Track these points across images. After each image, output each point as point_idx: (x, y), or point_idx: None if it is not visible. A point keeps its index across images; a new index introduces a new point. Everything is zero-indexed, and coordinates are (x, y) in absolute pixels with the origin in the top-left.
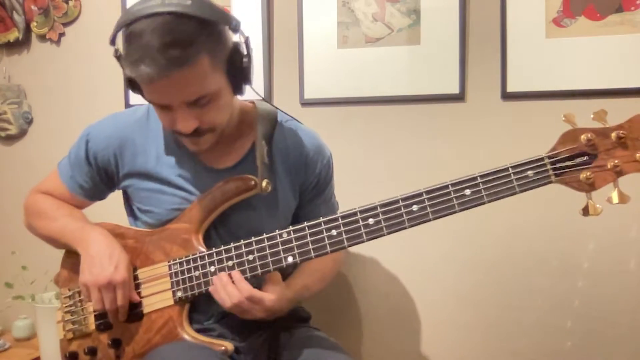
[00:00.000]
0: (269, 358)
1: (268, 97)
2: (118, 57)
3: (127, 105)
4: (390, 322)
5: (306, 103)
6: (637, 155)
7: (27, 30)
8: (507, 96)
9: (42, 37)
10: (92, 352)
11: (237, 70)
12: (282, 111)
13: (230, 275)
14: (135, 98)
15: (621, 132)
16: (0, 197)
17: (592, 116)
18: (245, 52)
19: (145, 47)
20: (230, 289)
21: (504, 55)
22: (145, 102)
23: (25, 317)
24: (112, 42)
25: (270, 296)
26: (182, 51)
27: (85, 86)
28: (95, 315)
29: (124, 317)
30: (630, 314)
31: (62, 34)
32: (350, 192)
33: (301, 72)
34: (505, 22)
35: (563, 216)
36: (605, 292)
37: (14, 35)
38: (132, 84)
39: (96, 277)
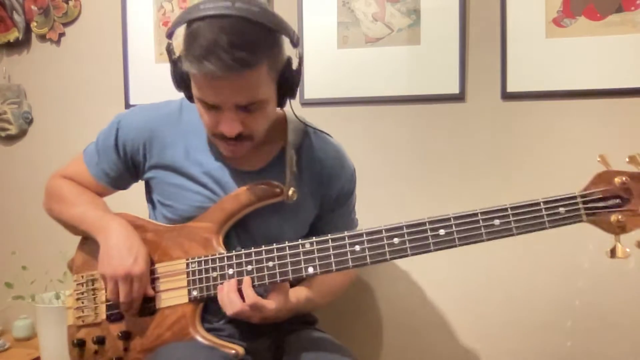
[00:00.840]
0: (274, 359)
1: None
2: (170, 50)
3: (127, 105)
4: (389, 322)
5: (306, 103)
6: None
7: (27, 30)
8: (507, 96)
9: (42, 37)
10: (101, 341)
11: (286, 84)
12: (309, 123)
13: (239, 281)
14: (135, 97)
15: None
16: (0, 197)
17: (627, 160)
18: (297, 68)
19: (212, 44)
20: (233, 297)
21: (504, 55)
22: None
23: (25, 317)
24: (170, 35)
25: (272, 305)
26: (248, 54)
27: (85, 86)
28: (107, 305)
29: (137, 310)
30: (630, 314)
31: (62, 34)
32: None
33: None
34: (505, 22)
35: None
36: (605, 292)
37: (14, 35)
38: (179, 80)
39: (115, 268)
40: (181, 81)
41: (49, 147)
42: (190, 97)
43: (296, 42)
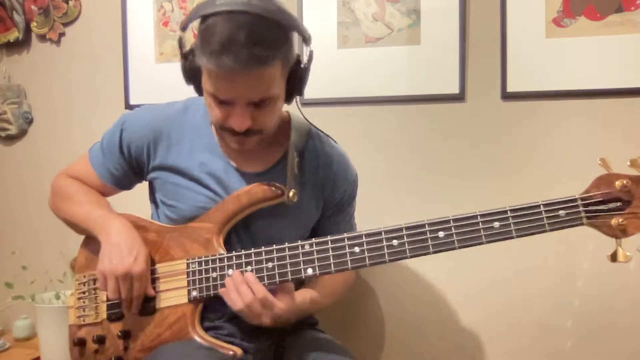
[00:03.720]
0: (275, 359)
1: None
2: (181, 43)
3: (127, 105)
4: (389, 322)
5: (306, 103)
6: None
7: (27, 30)
8: (507, 96)
9: (42, 37)
10: (101, 340)
11: (295, 81)
12: (314, 125)
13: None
14: (135, 97)
15: None
16: (0, 197)
17: (628, 163)
18: (307, 66)
19: (230, 40)
20: (243, 289)
21: (504, 55)
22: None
23: (25, 317)
24: (184, 28)
25: (281, 305)
26: (265, 51)
27: (85, 86)
28: (107, 305)
29: (137, 309)
30: (630, 314)
31: (62, 34)
32: None
33: None
34: (505, 22)
35: None
36: (605, 292)
37: (14, 35)
38: (189, 74)
39: (115, 266)
40: (191, 75)
41: (49, 147)
42: (199, 92)
43: (308, 40)
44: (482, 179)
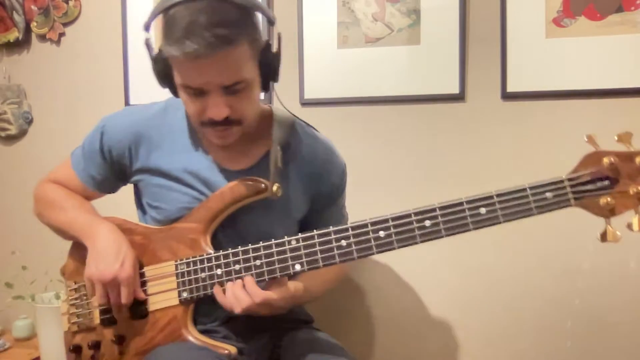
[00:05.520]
0: (271, 359)
1: (268, 97)
2: (149, 45)
3: (127, 105)
4: (386, 321)
5: (306, 103)
6: None
7: (27, 30)
8: (507, 96)
9: (42, 37)
10: (96, 346)
11: (268, 65)
12: (298, 118)
13: (242, 280)
14: (135, 98)
15: None
16: (0, 197)
17: (615, 138)
18: (276, 49)
19: (191, 25)
20: (240, 294)
21: (504, 55)
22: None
23: (25, 317)
24: (147, 28)
25: (276, 296)
26: (228, 31)
27: (85, 86)
28: (100, 310)
29: (126, 314)
30: (630, 314)
31: (62, 34)
32: (350, 193)
33: (301, 72)
34: (505, 22)
35: (563, 216)
36: (605, 292)
37: (14, 35)
38: (161, 73)
39: (102, 272)
40: (164, 75)
41: (49, 147)
42: (175, 92)
43: (273, 20)
44: (482, 179)
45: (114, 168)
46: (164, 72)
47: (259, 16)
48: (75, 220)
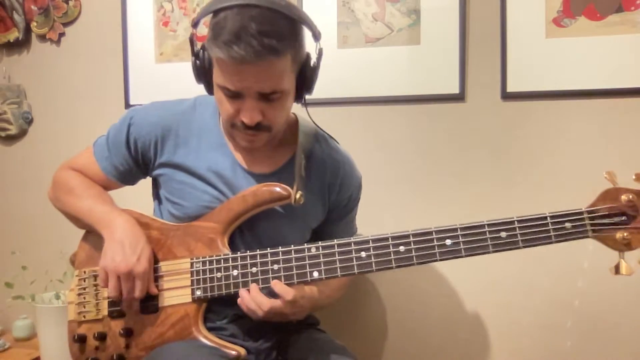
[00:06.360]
0: (277, 359)
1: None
2: (192, 40)
3: (127, 105)
4: (391, 323)
5: (306, 103)
6: None
7: (27, 30)
8: (507, 96)
9: (42, 37)
10: (102, 337)
11: (305, 78)
12: (321, 128)
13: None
14: (135, 97)
15: None
16: (0, 196)
17: (633, 177)
18: (316, 64)
19: (241, 31)
20: (260, 299)
21: (504, 55)
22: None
23: (25, 317)
24: (196, 25)
25: (298, 293)
26: (276, 42)
27: (85, 86)
28: (109, 302)
29: (137, 307)
30: (630, 314)
31: (62, 34)
32: None
33: None
34: (505, 22)
35: None
36: (605, 292)
37: (14, 35)
38: (200, 70)
39: (117, 264)
40: (203, 72)
41: (49, 147)
42: (210, 90)
43: (318, 36)
44: (482, 179)
45: (137, 160)
46: (203, 69)
47: (304, 30)
48: (93, 209)
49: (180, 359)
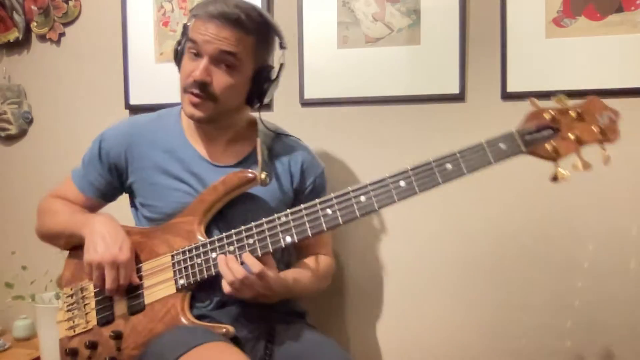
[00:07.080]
0: (265, 348)
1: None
2: (185, 28)
3: (127, 105)
4: (388, 322)
5: (306, 103)
6: (592, 127)
7: (27, 30)
8: (507, 96)
9: (42, 37)
10: (93, 346)
11: (260, 82)
12: (280, 129)
13: (238, 257)
14: (135, 97)
15: (578, 109)
16: (0, 197)
17: (554, 100)
18: (275, 76)
19: (222, 1)
20: (233, 265)
21: (504, 55)
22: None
23: (25, 317)
24: (188, 23)
25: (271, 273)
26: (245, 18)
27: (85, 86)
28: (97, 310)
29: (122, 295)
30: (630, 314)
31: (62, 34)
32: None
33: (301, 72)
34: (505, 22)
35: (563, 216)
36: (605, 292)
37: (14, 35)
38: (178, 51)
39: (102, 255)
40: (180, 51)
41: (49, 147)
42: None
43: (285, 45)
44: (481, 178)
45: (111, 171)
46: (181, 48)
47: (276, 41)
48: (71, 218)
49: (177, 340)
